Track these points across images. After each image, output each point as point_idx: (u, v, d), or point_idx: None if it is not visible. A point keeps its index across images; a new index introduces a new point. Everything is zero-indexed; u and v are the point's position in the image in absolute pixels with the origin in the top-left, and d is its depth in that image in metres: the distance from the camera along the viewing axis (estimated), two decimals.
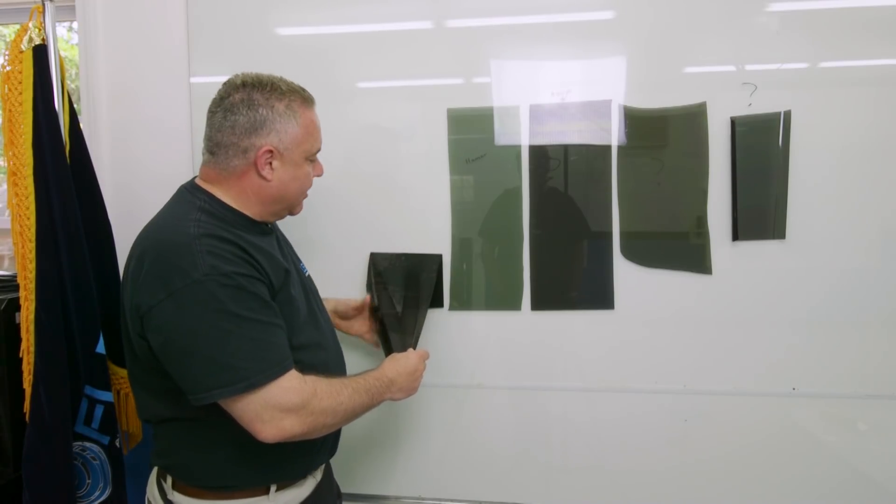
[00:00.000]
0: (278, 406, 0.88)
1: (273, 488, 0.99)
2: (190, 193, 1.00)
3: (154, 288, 0.87)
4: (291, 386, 0.90)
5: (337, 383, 0.97)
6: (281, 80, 1.02)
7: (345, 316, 1.34)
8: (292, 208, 1.07)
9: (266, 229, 1.07)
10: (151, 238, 0.94)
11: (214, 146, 0.99)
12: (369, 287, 1.38)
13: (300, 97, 1.01)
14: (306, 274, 1.16)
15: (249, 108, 0.96)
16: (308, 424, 0.91)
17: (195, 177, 1.05)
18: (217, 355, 0.86)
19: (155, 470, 1.06)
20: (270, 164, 0.98)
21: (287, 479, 1.02)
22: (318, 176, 1.09)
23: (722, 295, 1.34)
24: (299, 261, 1.17)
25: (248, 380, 0.86)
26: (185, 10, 1.45)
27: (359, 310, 1.34)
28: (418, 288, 1.37)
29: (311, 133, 1.03)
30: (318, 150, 1.07)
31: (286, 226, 1.21)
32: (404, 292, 1.36)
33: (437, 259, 1.39)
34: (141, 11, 1.48)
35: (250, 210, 1.01)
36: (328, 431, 0.97)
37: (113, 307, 1.36)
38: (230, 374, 0.86)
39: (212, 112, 1.00)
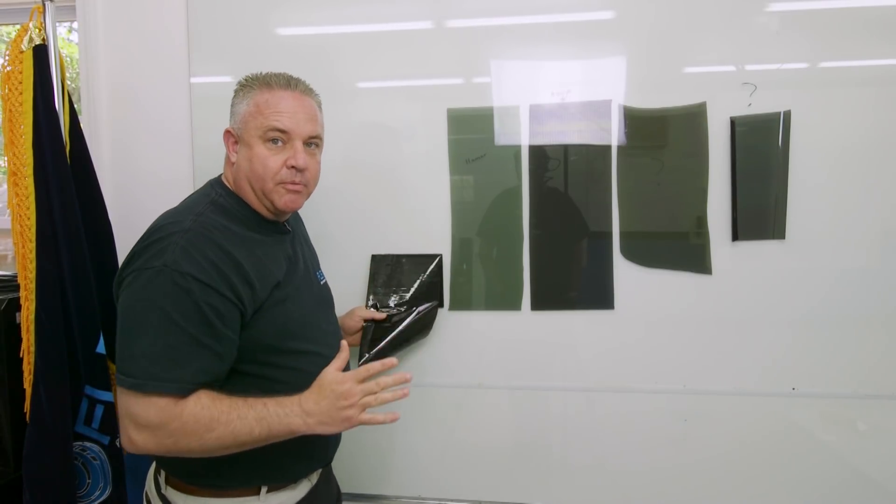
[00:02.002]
0: (135, 418, 0.86)
1: (264, 490, 0.99)
2: (210, 186, 1.05)
3: (129, 263, 0.92)
4: (157, 404, 0.85)
5: (226, 411, 0.88)
6: (269, 73, 1.03)
7: (350, 331, 1.32)
8: (267, 195, 1.00)
9: (281, 228, 1.07)
10: (156, 220, 0.97)
11: None
12: (370, 291, 1.38)
13: (263, 83, 1.02)
14: (322, 282, 1.15)
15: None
16: (159, 445, 0.87)
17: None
18: (133, 342, 0.87)
19: (154, 464, 1.07)
20: (235, 147, 1.03)
21: (276, 483, 1.01)
22: (294, 166, 0.99)
23: (722, 295, 1.34)
24: (317, 268, 1.17)
25: (137, 378, 0.85)
26: (185, 10, 1.45)
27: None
28: (416, 292, 1.37)
29: (262, 111, 0.99)
30: (275, 129, 0.98)
31: None
32: (403, 298, 1.36)
33: (437, 260, 1.39)
34: (141, 11, 1.48)
35: (250, 199, 1.03)
36: (197, 455, 0.89)
37: (113, 307, 1.36)
38: (130, 364, 0.86)
39: None
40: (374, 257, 1.41)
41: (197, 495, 0.98)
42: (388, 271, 1.39)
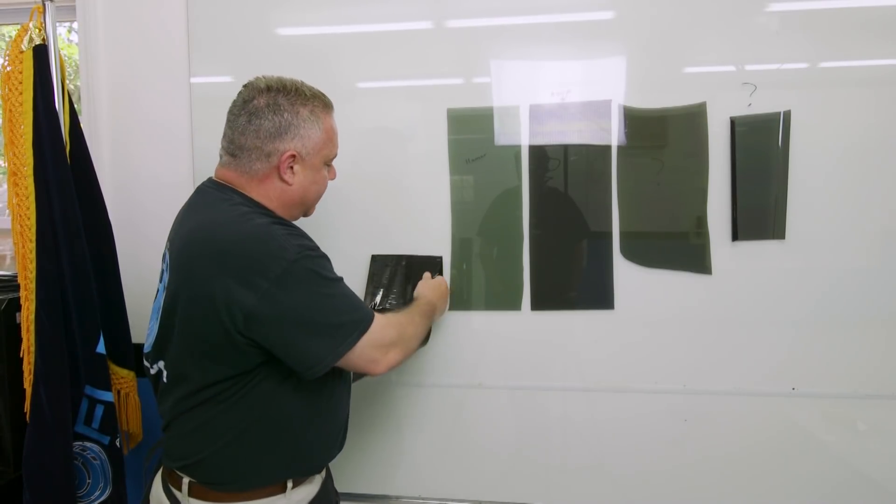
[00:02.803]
0: (383, 343, 0.99)
1: (290, 485, 1.00)
2: (220, 192, 1.00)
3: (252, 282, 0.89)
4: (385, 323, 1.01)
5: (402, 314, 1.11)
6: (303, 84, 1.03)
7: None
8: (307, 211, 1.11)
9: None
10: (218, 239, 0.92)
11: (237, 149, 0.99)
12: (368, 291, 1.38)
13: (322, 102, 1.04)
14: None
15: (275, 112, 0.98)
16: (403, 352, 1.04)
17: (211, 177, 1.05)
18: (330, 319, 0.93)
19: (159, 477, 1.06)
20: (292, 168, 1.00)
21: (303, 475, 1.03)
22: (332, 179, 1.11)
23: (722, 295, 1.34)
24: None
25: (357, 330, 0.95)
26: (185, 10, 1.45)
27: None
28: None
29: (331, 138, 1.06)
30: (336, 155, 1.09)
31: None
32: (403, 298, 1.36)
33: (438, 262, 1.39)
34: (141, 11, 1.48)
35: (285, 213, 1.03)
36: (410, 356, 1.11)
37: (113, 308, 1.36)
38: (344, 330, 0.94)
39: (234, 115, 1.01)
40: (373, 258, 1.41)
41: (224, 501, 0.98)
42: (387, 273, 1.39)
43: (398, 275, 1.38)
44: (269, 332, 0.91)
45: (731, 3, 1.31)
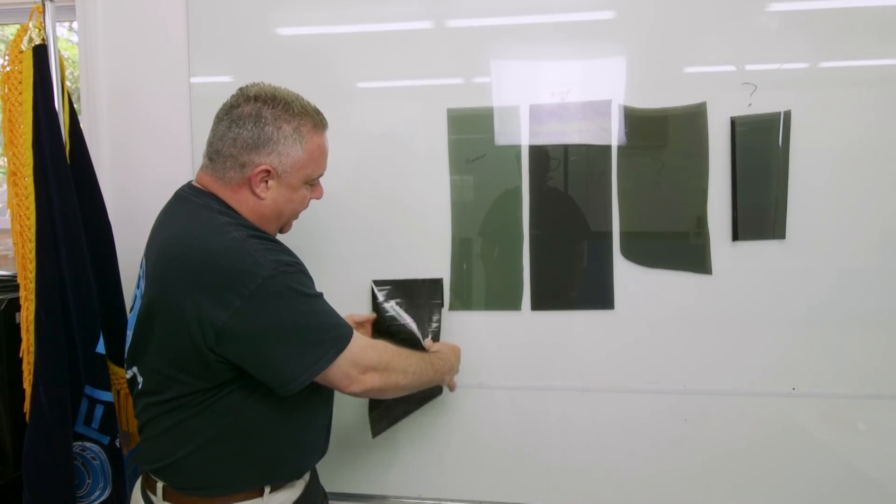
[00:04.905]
0: (360, 364, 0.96)
1: (267, 490, 0.99)
2: (199, 198, 0.98)
3: (224, 298, 0.87)
4: (367, 345, 0.99)
5: (404, 350, 1.07)
6: (297, 99, 1.00)
7: None
8: (283, 228, 1.07)
9: None
10: (192, 251, 0.90)
11: (214, 153, 0.98)
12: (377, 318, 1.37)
13: (311, 121, 1.00)
14: None
15: (256, 123, 0.95)
16: (384, 380, 0.99)
17: (190, 181, 1.04)
18: (306, 336, 0.91)
19: (139, 483, 1.05)
20: (266, 182, 0.97)
21: (284, 480, 1.01)
22: (317, 199, 1.09)
23: (722, 295, 1.34)
24: None
25: (335, 347, 0.93)
26: (185, 10, 1.45)
27: (361, 325, 1.33)
28: (419, 320, 1.37)
29: (315, 159, 1.01)
30: (320, 176, 1.06)
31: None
32: (407, 330, 1.35)
33: (438, 285, 1.39)
34: (141, 11, 1.48)
35: (259, 224, 1.00)
36: (399, 393, 1.06)
37: (113, 307, 1.36)
38: (321, 348, 0.92)
39: (219, 118, 0.99)
40: (374, 283, 1.39)
41: None
42: (387, 299, 1.38)
43: (399, 309, 1.37)
44: (241, 350, 0.89)
45: (731, 3, 1.31)
